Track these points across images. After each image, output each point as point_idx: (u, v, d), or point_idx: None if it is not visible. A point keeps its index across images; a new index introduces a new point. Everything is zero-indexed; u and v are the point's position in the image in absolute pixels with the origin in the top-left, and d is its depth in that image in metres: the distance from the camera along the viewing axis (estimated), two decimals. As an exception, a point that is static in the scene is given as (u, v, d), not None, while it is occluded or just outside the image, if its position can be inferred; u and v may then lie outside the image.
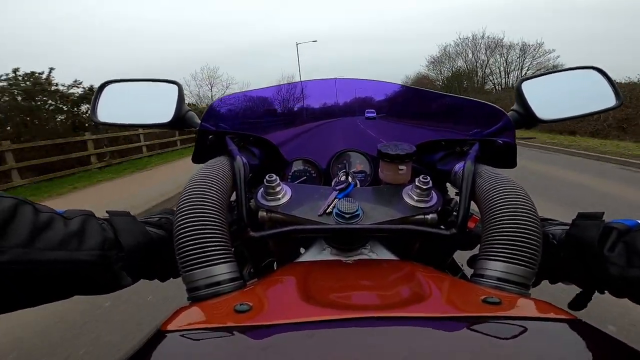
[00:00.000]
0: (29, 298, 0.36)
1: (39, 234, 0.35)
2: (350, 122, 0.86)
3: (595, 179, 5.63)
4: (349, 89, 0.84)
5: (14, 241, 0.33)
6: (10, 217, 0.34)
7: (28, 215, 0.35)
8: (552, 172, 6.27)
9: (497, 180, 0.48)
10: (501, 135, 0.62)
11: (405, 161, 0.58)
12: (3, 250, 0.32)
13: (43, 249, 0.34)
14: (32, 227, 0.34)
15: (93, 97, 0.67)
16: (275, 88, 0.85)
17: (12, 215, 0.34)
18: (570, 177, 5.82)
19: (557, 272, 0.48)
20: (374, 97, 0.86)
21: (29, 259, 0.33)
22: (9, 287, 0.34)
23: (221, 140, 0.62)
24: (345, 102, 0.85)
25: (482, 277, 0.42)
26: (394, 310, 0.34)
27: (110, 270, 0.40)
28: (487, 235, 0.44)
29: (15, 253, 0.32)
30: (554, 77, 0.67)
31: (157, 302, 2.30)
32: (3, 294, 0.34)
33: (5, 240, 0.32)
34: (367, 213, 0.51)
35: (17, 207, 0.35)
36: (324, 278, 0.46)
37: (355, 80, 0.84)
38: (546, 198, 4.24)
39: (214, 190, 0.47)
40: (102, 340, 1.97)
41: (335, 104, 0.85)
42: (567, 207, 3.82)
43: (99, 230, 0.40)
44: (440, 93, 0.76)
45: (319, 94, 0.85)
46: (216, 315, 0.37)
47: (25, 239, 0.33)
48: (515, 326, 0.31)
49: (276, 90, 0.88)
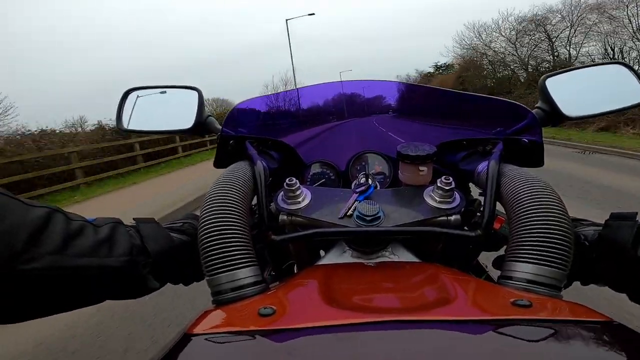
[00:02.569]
0: (62, 303, 0.38)
1: (71, 241, 0.36)
2: (368, 123, 0.85)
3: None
4: (365, 90, 0.84)
5: (48, 248, 0.34)
6: (44, 225, 0.35)
7: (60, 223, 0.36)
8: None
9: (524, 180, 0.47)
10: (526, 133, 0.60)
11: (426, 162, 0.57)
12: (37, 257, 0.33)
13: (75, 255, 0.36)
14: (64, 235, 0.36)
15: (118, 105, 0.69)
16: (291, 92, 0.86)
17: (45, 224, 0.35)
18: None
19: (589, 274, 0.46)
20: (391, 98, 0.86)
21: (62, 265, 0.35)
22: (44, 293, 0.35)
23: (241, 144, 0.63)
24: (362, 103, 0.85)
25: (511, 279, 0.41)
26: (419, 314, 0.33)
27: (138, 275, 0.41)
28: (516, 236, 0.43)
29: (49, 260, 0.34)
30: (578, 73, 0.65)
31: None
32: (38, 299, 0.35)
33: (39, 248, 0.34)
34: (389, 215, 0.51)
35: (50, 216, 0.36)
36: (346, 281, 0.45)
37: (370, 82, 0.84)
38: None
39: (235, 195, 0.47)
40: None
41: (353, 105, 0.85)
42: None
43: (127, 237, 0.41)
44: (458, 92, 0.75)
45: (336, 96, 0.85)
46: (241, 318, 0.37)
47: (58, 246, 0.35)
48: (548, 329, 0.30)
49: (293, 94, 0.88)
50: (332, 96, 0.85)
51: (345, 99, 0.84)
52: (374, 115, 0.85)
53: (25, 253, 0.32)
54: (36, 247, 0.33)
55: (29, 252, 0.33)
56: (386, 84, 0.84)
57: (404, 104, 0.85)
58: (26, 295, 0.34)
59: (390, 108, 0.85)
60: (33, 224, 0.34)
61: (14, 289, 0.33)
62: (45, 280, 0.34)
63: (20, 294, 0.34)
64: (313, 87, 0.83)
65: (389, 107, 0.85)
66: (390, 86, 0.85)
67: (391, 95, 0.86)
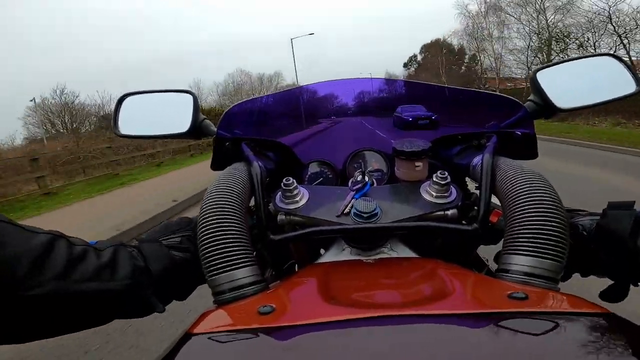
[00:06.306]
0: (66, 326, 0.39)
1: (74, 266, 0.37)
2: (364, 121, 0.86)
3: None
4: (359, 88, 0.84)
5: (50, 275, 0.35)
6: (47, 252, 0.35)
7: (63, 248, 0.37)
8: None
9: (517, 172, 0.47)
10: (519, 126, 0.61)
11: (421, 157, 0.57)
12: (40, 284, 0.34)
13: (77, 281, 0.36)
14: (67, 260, 0.36)
15: (113, 111, 0.69)
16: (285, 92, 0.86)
17: (48, 250, 0.36)
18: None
19: (589, 265, 0.46)
20: (386, 95, 0.86)
21: (65, 290, 0.35)
22: (47, 316, 0.36)
23: (237, 146, 0.63)
24: (358, 101, 0.86)
25: (508, 272, 0.41)
26: (418, 308, 0.34)
27: (142, 296, 0.42)
28: (511, 228, 0.43)
29: (52, 286, 0.34)
30: (569, 65, 0.66)
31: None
32: (42, 323, 0.36)
33: (42, 274, 0.34)
34: (386, 211, 0.51)
35: (52, 242, 0.37)
36: (345, 278, 0.46)
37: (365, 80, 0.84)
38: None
39: (233, 197, 0.48)
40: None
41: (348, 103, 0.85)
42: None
43: (129, 260, 0.42)
44: (452, 87, 0.76)
45: (331, 95, 0.86)
46: (241, 317, 0.38)
47: (61, 272, 0.35)
48: (544, 321, 0.30)
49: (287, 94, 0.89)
50: (327, 95, 0.85)
51: (340, 98, 0.85)
52: (369, 113, 0.86)
53: (28, 280, 0.33)
54: (39, 274, 0.34)
55: (31, 279, 0.33)
56: (380, 81, 0.85)
57: (399, 101, 0.85)
58: (29, 318, 0.35)
59: (385, 105, 0.86)
60: (35, 251, 0.34)
61: (17, 313, 0.34)
62: (49, 305, 0.35)
63: (24, 317, 0.34)
64: (308, 86, 0.84)
65: (383, 104, 0.86)
66: (385, 83, 0.85)
67: (386, 93, 0.86)
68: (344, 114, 0.86)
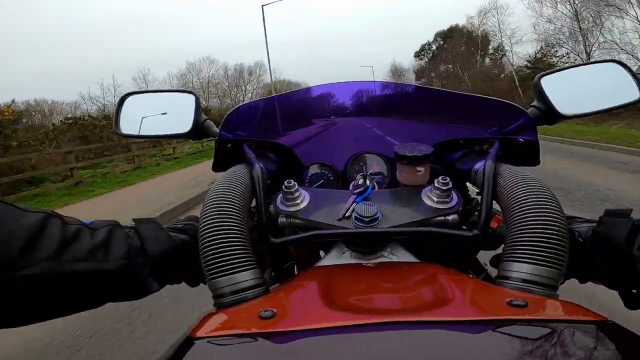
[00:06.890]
0: (61, 307, 0.38)
1: (67, 246, 0.36)
2: (366, 123, 0.86)
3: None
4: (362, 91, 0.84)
5: (44, 254, 0.34)
6: (40, 231, 0.35)
7: (56, 228, 0.36)
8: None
9: (519, 179, 0.47)
10: (522, 132, 0.60)
11: (422, 162, 0.57)
12: (34, 264, 0.33)
13: (71, 261, 0.36)
14: (60, 240, 0.36)
15: (115, 110, 0.69)
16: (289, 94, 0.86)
17: (41, 229, 0.35)
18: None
19: (586, 271, 0.46)
20: (388, 98, 0.86)
21: (59, 271, 0.35)
22: (42, 298, 0.35)
23: (239, 148, 0.63)
24: (360, 103, 0.85)
25: (508, 279, 0.41)
26: (418, 314, 0.34)
27: (137, 278, 0.41)
28: (511, 235, 0.43)
29: (46, 266, 0.34)
30: (573, 71, 0.66)
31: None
32: (37, 304, 0.35)
33: (35, 254, 0.34)
34: (387, 216, 0.51)
35: (45, 221, 0.36)
36: (346, 282, 0.46)
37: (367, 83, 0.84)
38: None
39: (234, 198, 0.48)
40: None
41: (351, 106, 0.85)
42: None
43: (125, 240, 0.41)
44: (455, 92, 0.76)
45: (333, 97, 0.86)
46: (242, 321, 0.38)
47: (54, 252, 0.35)
48: (543, 328, 0.30)
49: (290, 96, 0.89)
50: (329, 97, 0.85)
51: (342, 100, 0.85)
52: (371, 116, 0.85)
53: (22, 260, 0.32)
54: (32, 254, 0.33)
55: (25, 258, 0.33)
56: (383, 84, 0.85)
57: (401, 104, 0.85)
58: (24, 300, 0.34)
59: (387, 108, 0.85)
60: (29, 230, 0.34)
61: (11, 294, 0.33)
62: (42, 285, 0.34)
63: (19, 299, 0.34)
64: (310, 89, 0.84)
65: (386, 107, 0.85)
66: (387, 86, 0.85)
67: (388, 96, 0.86)
68: (346, 116, 0.86)
